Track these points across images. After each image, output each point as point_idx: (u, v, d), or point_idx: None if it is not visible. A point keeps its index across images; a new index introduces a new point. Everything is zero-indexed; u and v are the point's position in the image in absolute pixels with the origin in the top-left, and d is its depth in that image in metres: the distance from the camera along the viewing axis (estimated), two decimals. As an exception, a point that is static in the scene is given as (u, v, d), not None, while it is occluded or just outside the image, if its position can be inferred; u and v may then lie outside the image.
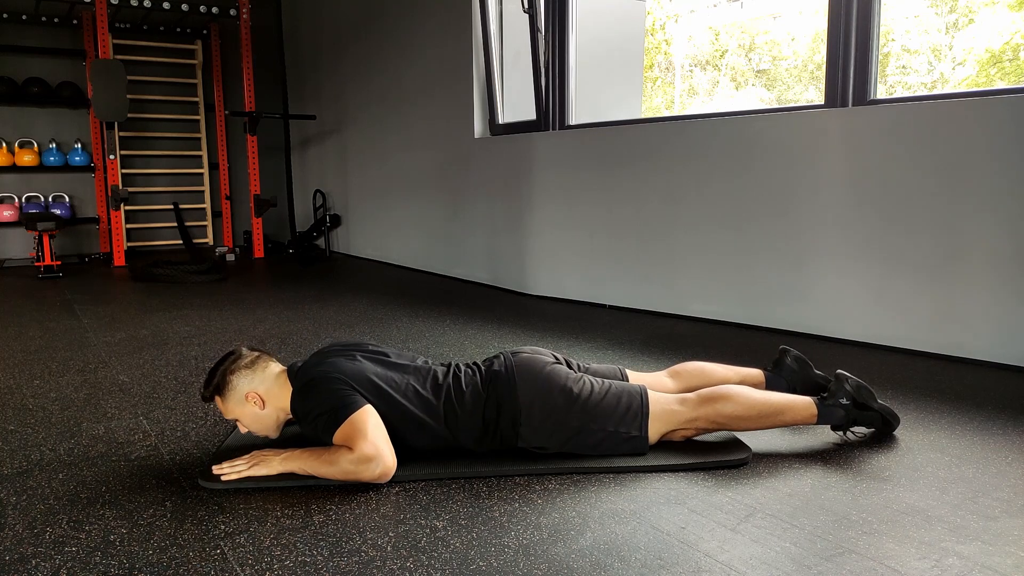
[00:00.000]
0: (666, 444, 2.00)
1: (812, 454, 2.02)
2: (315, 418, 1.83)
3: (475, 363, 2.09)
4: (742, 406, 1.97)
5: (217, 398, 1.98)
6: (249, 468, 1.83)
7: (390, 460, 1.77)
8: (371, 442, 1.76)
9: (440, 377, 2.00)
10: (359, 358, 1.99)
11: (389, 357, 2.05)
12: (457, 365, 2.07)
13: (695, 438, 2.05)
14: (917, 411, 2.36)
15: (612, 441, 1.94)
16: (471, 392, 1.97)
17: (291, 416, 1.98)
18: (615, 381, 2.05)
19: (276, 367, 2.02)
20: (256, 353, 2.03)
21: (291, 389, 1.94)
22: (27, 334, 3.66)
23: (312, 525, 1.62)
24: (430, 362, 2.08)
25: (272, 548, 1.52)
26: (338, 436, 1.79)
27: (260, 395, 1.95)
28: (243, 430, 2.01)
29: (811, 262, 3.41)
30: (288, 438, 2.05)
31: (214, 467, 1.86)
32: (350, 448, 1.76)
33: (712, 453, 1.97)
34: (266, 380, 1.97)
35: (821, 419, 2.05)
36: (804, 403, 2.05)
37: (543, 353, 2.09)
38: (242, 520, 1.64)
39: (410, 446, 1.92)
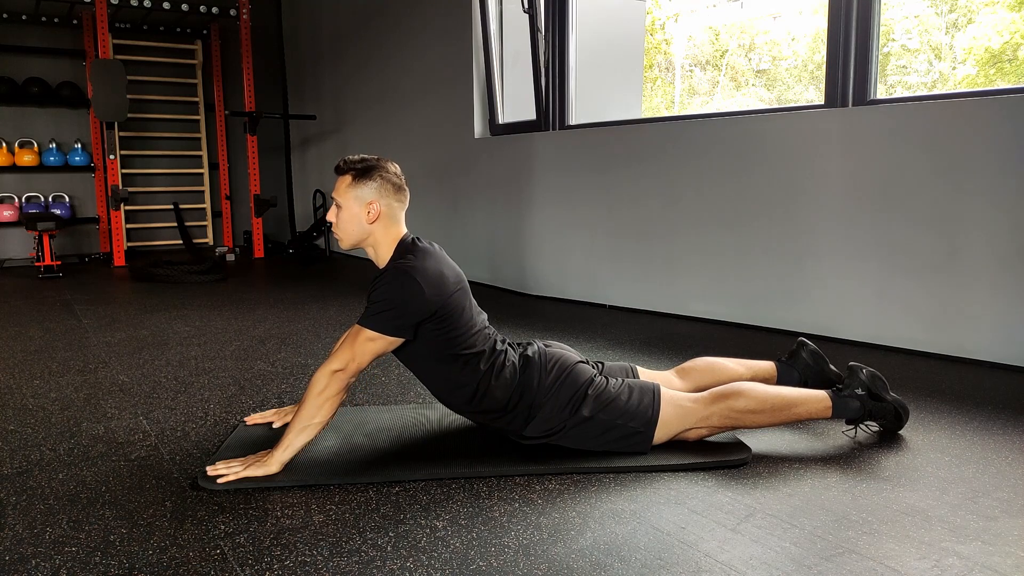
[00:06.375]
0: (666, 444, 1.99)
1: (812, 454, 2.02)
2: (370, 302, 1.87)
3: (512, 344, 2.09)
4: (755, 400, 1.97)
5: (351, 175, 1.95)
6: (245, 469, 1.83)
7: (352, 371, 1.84)
8: (353, 359, 1.83)
9: (496, 344, 2.02)
10: (462, 286, 1.99)
11: (473, 303, 2.05)
12: (508, 342, 2.07)
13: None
14: (917, 411, 2.35)
15: (617, 433, 1.94)
16: (510, 371, 1.98)
17: (369, 257, 2.00)
18: (629, 379, 2.07)
19: (401, 227, 1.99)
20: (406, 197, 2.00)
21: (392, 253, 1.95)
22: (27, 334, 3.66)
23: (312, 525, 1.62)
24: (489, 325, 2.08)
25: (272, 548, 1.52)
26: (354, 328, 1.87)
27: (380, 213, 1.94)
28: (331, 217, 1.99)
29: (811, 262, 3.41)
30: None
31: (208, 468, 1.85)
32: (328, 364, 1.84)
33: (712, 453, 1.97)
34: (391, 219, 1.96)
35: (836, 412, 2.04)
36: (818, 396, 2.04)
37: (571, 352, 2.10)
38: (242, 520, 1.64)
39: (433, 371, 1.97)
